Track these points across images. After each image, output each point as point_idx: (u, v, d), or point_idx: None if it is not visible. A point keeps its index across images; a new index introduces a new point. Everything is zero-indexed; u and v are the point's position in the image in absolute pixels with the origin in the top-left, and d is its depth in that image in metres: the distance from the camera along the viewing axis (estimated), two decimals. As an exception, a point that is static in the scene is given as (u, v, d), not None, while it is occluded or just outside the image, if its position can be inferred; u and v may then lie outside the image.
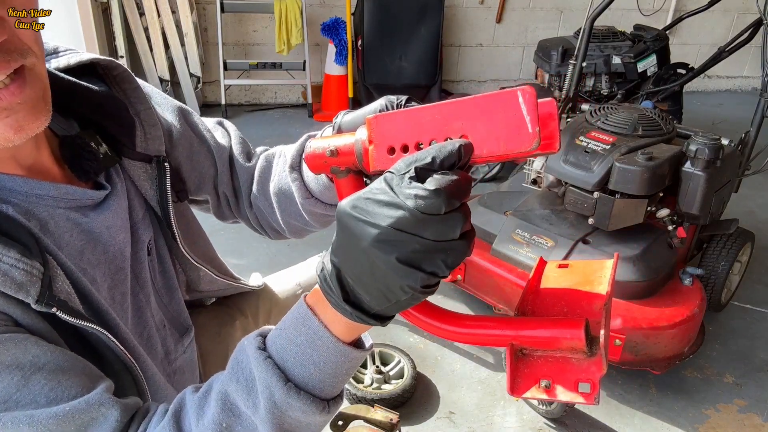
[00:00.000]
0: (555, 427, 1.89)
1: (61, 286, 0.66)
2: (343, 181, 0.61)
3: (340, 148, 0.59)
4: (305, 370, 0.58)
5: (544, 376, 0.60)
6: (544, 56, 3.41)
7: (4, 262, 0.61)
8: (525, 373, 0.61)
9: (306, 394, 0.58)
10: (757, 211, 3.28)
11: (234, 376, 0.60)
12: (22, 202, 0.68)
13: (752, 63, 5.36)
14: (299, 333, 0.58)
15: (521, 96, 0.50)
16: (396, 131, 0.54)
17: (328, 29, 4.17)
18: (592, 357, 0.60)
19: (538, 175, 2.32)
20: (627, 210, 1.96)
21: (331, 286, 0.54)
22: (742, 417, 1.96)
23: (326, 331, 0.57)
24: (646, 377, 2.08)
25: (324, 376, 0.58)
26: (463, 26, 4.74)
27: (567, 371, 0.60)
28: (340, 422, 1.59)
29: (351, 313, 0.54)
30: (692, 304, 1.95)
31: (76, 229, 0.74)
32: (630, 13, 4.48)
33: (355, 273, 0.52)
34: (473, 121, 0.52)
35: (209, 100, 4.56)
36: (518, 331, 0.60)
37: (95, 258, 0.76)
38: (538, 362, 0.61)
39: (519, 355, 0.62)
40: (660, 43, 3.31)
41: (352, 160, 0.59)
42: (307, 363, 0.58)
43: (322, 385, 0.59)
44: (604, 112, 2.17)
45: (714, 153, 1.92)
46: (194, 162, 0.95)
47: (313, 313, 0.58)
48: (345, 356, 0.58)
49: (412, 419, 1.89)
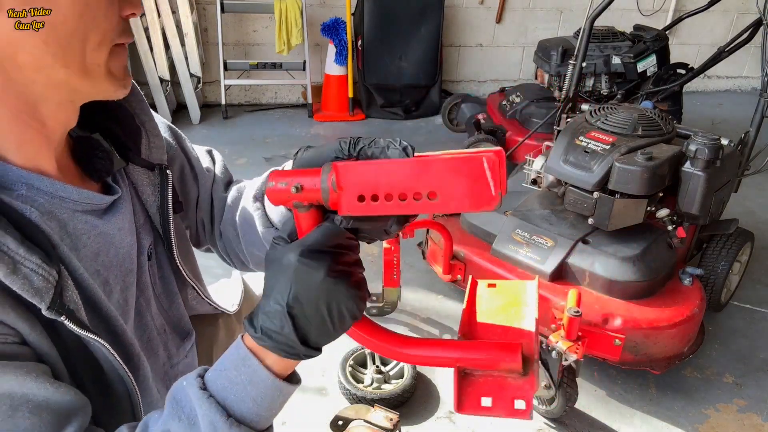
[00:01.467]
0: (555, 426, 1.89)
1: (71, 296, 0.68)
2: (305, 215, 0.64)
3: (306, 186, 0.61)
4: (244, 406, 0.63)
5: (485, 395, 0.67)
6: (544, 56, 3.41)
7: (26, 266, 0.63)
8: (468, 392, 0.68)
9: (245, 427, 0.63)
10: (757, 211, 3.28)
11: (175, 415, 0.64)
12: (47, 203, 0.70)
13: (752, 63, 5.36)
14: (239, 373, 0.63)
15: (486, 162, 0.55)
16: (366, 181, 0.58)
17: (328, 29, 4.17)
18: (525, 377, 0.66)
19: (538, 175, 2.32)
20: (627, 210, 1.96)
21: (287, 334, 0.60)
22: (741, 417, 1.96)
23: (265, 371, 0.63)
24: (646, 377, 2.08)
25: (261, 410, 0.64)
26: (463, 26, 4.74)
27: (504, 390, 0.67)
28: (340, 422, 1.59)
29: (304, 353, 0.62)
30: (692, 304, 1.95)
31: (93, 231, 0.75)
32: (630, 13, 4.48)
33: (311, 311, 0.59)
34: (442, 180, 0.56)
35: (209, 100, 4.56)
36: (462, 354, 0.67)
37: (109, 260, 0.78)
38: (479, 382, 0.68)
39: (463, 374, 0.68)
40: (660, 43, 3.31)
41: (316, 198, 0.61)
42: (246, 399, 0.63)
43: (258, 418, 0.64)
44: (604, 112, 2.17)
45: (714, 153, 1.92)
46: (183, 184, 0.99)
47: (252, 354, 0.63)
48: (281, 391, 0.64)
49: (412, 419, 1.89)
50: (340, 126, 4.35)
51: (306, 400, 1.94)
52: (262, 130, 4.19)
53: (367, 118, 4.47)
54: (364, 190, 0.58)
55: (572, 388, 1.80)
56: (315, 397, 1.96)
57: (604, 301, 1.93)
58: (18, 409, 0.63)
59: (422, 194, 0.57)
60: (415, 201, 0.57)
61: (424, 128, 4.37)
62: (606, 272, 1.94)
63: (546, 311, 1.89)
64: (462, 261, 2.19)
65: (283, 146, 3.90)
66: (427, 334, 2.25)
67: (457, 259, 2.20)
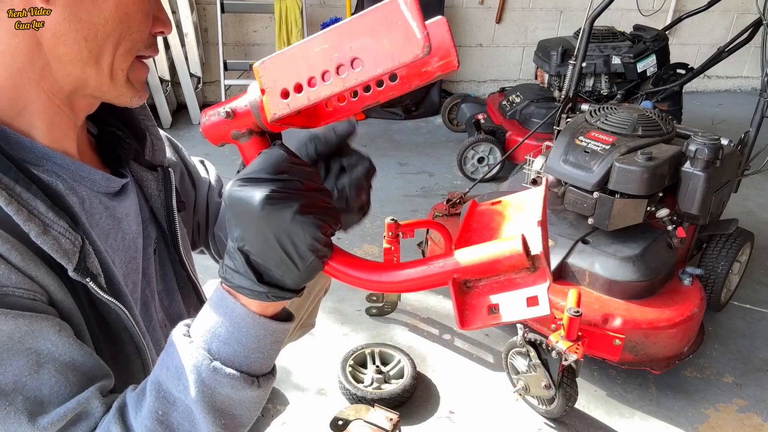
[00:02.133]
0: (555, 426, 1.89)
1: (92, 263, 0.71)
2: (247, 144, 0.60)
3: (236, 108, 0.58)
4: (229, 348, 0.62)
5: (492, 302, 0.59)
6: (544, 56, 3.41)
7: (55, 229, 0.66)
8: (472, 305, 0.60)
9: (233, 370, 0.62)
10: (757, 211, 3.28)
11: (164, 366, 0.64)
12: (69, 179, 0.74)
13: (752, 63, 5.36)
14: (219, 315, 0.62)
15: (402, 2, 0.48)
16: (286, 72, 0.52)
17: (328, 29, 4.17)
18: (535, 271, 0.58)
19: (538, 175, 2.32)
20: (627, 210, 1.96)
21: (243, 273, 0.58)
22: (741, 417, 1.96)
23: (243, 308, 0.61)
24: (645, 377, 2.08)
25: (248, 351, 0.62)
26: (463, 26, 4.74)
27: (514, 288, 0.59)
28: (340, 422, 1.59)
29: (267, 293, 0.59)
30: (692, 304, 1.95)
31: (106, 212, 0.79)
32: (630, 13, 4.48)
33: (258, 246, 0.56)
34: (360, 40, 0.50)
35: (209, 100, 4.56)
36: (458, 263, 0.59)
37: (116, 243, 0.81)
38: (483, 291, 0.60)
39: (464, 288, 0.61)
40: (660, 43, 3.31)
41: (251, 120, 0.57)
42: (231, 341, 0.62)
43: (248, 361, 0.63)
44: (604, 113, 2.17)
45: (714, 153, 1.92)
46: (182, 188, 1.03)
47: (230, 294, 0.62)
48: (265, 329, 0.62)
49: (412, 419, 1.89)
50: (340, 126, 4.35)
51: (306, 400, 1.94)
52: (262, 130, 4.19)
53: (366, 118, 4.47)
54: (287, 82, 0.53)
55: (572, 388, 1.80)
56: (315, 397, 1.96)
57: (604, 301, 1.93)
58: (44, 366, 0.63)
59: (345, 65, 0.51)
60: (340, 76, 0.51)
61: (424, 128, 4.37)
62: (606, 272, 1.94)
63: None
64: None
65: (283, 146, 3.90)
66: (427, 334, 2.25)
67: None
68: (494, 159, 3.40)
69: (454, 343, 2.22)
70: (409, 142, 4.12)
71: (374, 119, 4.46)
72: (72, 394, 0.64)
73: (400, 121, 4.46)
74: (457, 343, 2.22)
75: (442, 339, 2.23)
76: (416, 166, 3.70)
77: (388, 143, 4.08)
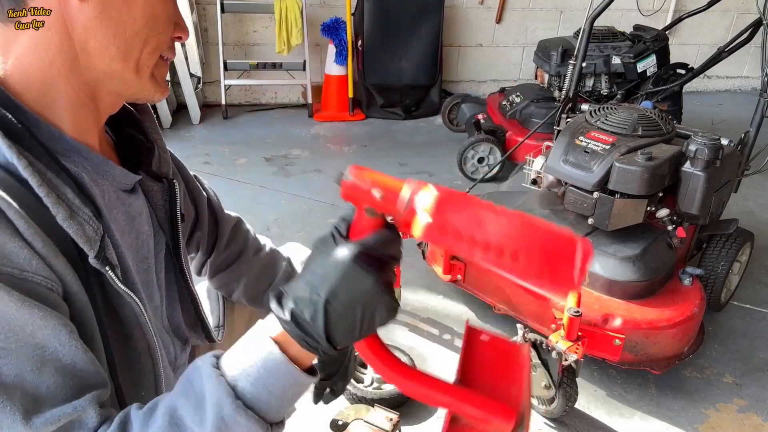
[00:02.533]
0: (555, 426, 1.89)
1: (111, 254, 0.73)
2: (369, 219, 0.62)
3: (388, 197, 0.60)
4: (255, 390, 0.62)
5: None
6: (544, 56, 3.41)
7: (80, 215, 0.69)
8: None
9: (252, 413, 0.62)
10: (757, 211, 3.28)
11: (184, 393, 0.64)
12: (93, 172, 0.76)
13: (752, 63, 5.36)
14: (254, 354, 0.63)
15: (580, 246, 0.53)
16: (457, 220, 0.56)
17: (328, 29, 4.17)
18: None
19: (538, 175, 2.32)
20: (627, 210, 1.96)
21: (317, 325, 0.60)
22: (741, 417, 1.96)
23: (283, 356, 0.62)
24: (645, 377, 2.08)
25: (271, 397, 0.63)
26: (463, 26, 4.74)
27: None
28: (340, 422, 1.59)
29: (324, 349, 0.62)
30: (692, 304, 1.95)
31: (122, 208, 0.80)
32: (630, 13, 4.47)
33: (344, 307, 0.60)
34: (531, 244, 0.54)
35: (209, 100, 4.56)
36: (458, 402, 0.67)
37: (130, 240, 0.82)
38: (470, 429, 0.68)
39: (454, 419, 0.69)
40: (660, 43, 3.31)
41: (391, 210, 0.60)
42: (258, 384, 0.62)
43: (268, 407, 0.63)
44: (604, 112, 2.17)
45: (714, 153, 1.92)
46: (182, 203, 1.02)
47: (271, 338, 0.63)
48: (295, 380, 0.64)
49: (412, 419, 1.89)
50: (340, 126, 4.35)
51: (306, 400, 1.94)
52: (262, 130, 4.19)
53: (367, 118, 4.47)
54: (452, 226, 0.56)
55: (572, 388, 1.80)
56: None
57: (604, 301, 1.93)
58: (46, 364, 0.64)
59: (505, 251, 0.55)
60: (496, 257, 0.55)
61: (424, 128, 4.38)
62: (606, 272, 1.94)
63: (546, 311, 1.89)
64: (462, 261, 2.19)
65: (283, 146, 3.90)
66: (427, 334, 2.25)
67: (457, 259, 2.20)
68: (494, 159, 3.40)
69: (454, 343, 2.22)
70: (409, 142, 4.12)
71: (374, 119, 4.46)
72: (67, 397, 0.64)
73: (400, 121, 4.46)
74: (457, 343, 2.22)
75: (442, 339, 2.23)
76: (416, 166, 3.70)
77: (388, 143, 4.08)
